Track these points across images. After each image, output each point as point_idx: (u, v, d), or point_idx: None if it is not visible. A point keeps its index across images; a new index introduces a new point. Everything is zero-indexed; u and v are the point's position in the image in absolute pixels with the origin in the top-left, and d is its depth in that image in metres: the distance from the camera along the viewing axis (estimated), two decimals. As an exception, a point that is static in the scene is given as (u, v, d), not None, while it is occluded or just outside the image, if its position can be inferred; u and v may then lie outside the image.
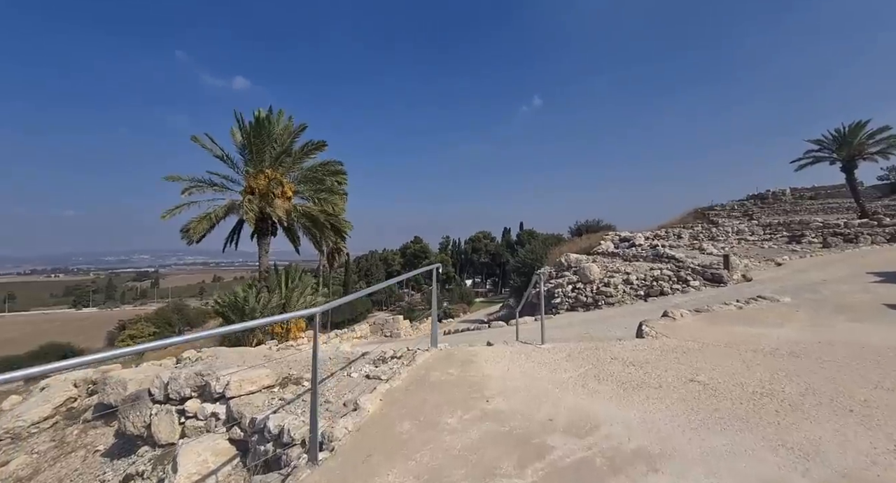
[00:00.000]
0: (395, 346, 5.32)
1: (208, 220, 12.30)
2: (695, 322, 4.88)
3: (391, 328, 20.21)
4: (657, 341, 4.10)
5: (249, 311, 11.54)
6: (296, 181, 14.41)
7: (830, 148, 25.96)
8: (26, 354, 53.00)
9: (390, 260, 78.55)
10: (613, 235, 18.69)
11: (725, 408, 2.55)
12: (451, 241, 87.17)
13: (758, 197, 38.18)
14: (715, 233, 26.04)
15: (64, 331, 77.99)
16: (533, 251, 33.19)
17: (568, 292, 10.80)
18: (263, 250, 13.68)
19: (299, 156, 14.10)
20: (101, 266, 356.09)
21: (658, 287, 9.57)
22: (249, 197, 12.87)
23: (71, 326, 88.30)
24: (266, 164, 13.63)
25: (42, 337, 63.70)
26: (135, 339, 52.56)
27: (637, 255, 13.29)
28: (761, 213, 34.99)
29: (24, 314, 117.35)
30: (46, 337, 62.27)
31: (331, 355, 4.61)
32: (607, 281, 10.29)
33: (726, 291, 8.46)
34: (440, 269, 4.37)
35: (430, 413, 2.73)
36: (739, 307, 5.57)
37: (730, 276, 9.34)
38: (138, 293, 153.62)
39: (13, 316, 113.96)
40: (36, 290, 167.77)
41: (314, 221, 13.61)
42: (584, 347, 3.97)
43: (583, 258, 14.71)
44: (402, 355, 4.23)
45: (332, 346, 6.96)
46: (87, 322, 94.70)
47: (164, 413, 3.63)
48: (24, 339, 68.78)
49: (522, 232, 77.77)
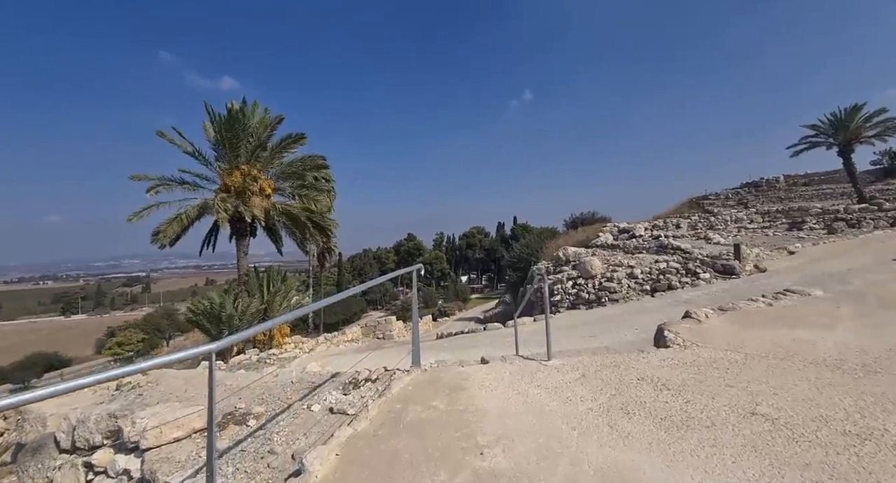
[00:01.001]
0: (376, 362, 4.55)
1: (179, 221, 11.37)
2: (724, 324, 4.15)
3: (384, 330, 19.43)
4: (688, 352, 3.35)
5: (227, 318, 10.69)
6: (275, 178, 13.51)
7: (827, 133, 25.55)
8: (10, 366, 51.39)
9: (384, 258, 77.59)
10: (612, 227, 18.01)
11: (817, 460, 1.80)
12: (445, 238, 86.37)
13: (752, 185, 37.83)
14: (714, 222, 25.54)
15: (52, 339, 76.15)
16: (528, 245, 32.50)
17: (568, 289, 10.09)
18: (242, 252, 12.79)
19: (277, 150, 13.20)
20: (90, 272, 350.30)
21: (665, 281, 8.88)
22: (223, 195, 11.97)
23: (59, 335, 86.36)
24: (241, 159, 12.71)
25: (28, 347, 61.98)
26: (122, 346, 51.16)
27: (639, 247, 12.62)
28: (756, 201, 34.65)
29: (11, 323, 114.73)
30: (33, 347, 60.61)
31: (294, 378, 3.82)
32: (610, 275, 9.59)
33: (741, 285, 7.78)
34: (422, 271, 3.59)
35: (402, 476, 1.96)
36: (769, 304, 4.85)
37: (742, 268, 8.67)
38: (129, 298, 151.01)
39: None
40: (23, 299, 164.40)
41: (294, 220, 12.74)
42: (600, 364, 3.21)
43: (582, 251, 14.01)
44: (379, 378, 3.45)
45: (298, 364, 6.13)
46: (75, 330, 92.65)
47: (68, 467, 2.83)
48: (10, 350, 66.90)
49: (516, 226, 77.15)
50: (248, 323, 11.27)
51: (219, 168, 12.52)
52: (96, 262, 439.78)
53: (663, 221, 24.62)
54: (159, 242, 11.21)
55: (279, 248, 14.69)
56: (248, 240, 12.93)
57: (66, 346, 65.36)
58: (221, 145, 12.63)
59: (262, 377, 4.06)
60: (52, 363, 53.99)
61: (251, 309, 11.18)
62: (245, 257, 12.82)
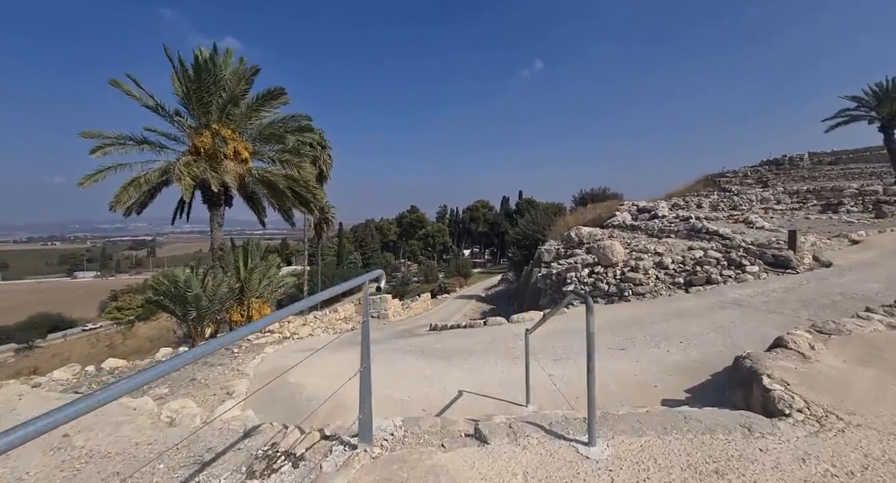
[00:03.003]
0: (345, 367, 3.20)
1: (136, 186, 9.88)
2: (854, 367, 2.71)
3: (378, 308, 18.34)
4: (838, 440, 1.93)
5: (193, 298, 9.41)
6: (252, 140, 11.86)
7: (870, 105, 23.17)
8: (15, 325, 51.70)
9: (385, 229, 76.36)
10: (630, 205, 16.36)
11: None
12: (448, 211, 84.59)
13: (773, 163, 35.47)
14: (737, 201, 23.69)
15: (57, 300, 76.93)
16: (534, 222, 30.86)
17: (584, 277, 8.67)
18: (215, 223, 11.38)
19: (254, 107, 11.46)
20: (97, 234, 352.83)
21: (703, 273, 7.42)
22: (190, 159, 10.40)
23: (65, 296, 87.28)
24: (213, 117, 11.03)
25: (34, 307, 62.54)
26: (122, 311, 51.15)
27: (665, 230, 11.07)
28: (777, 180, 32.48)
29: (18, 283, 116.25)
30: (38, 307, 61.10)
31: (181, 441, 2.46)
32: (635, 264, 8.13)
33: (806, 284, 6.31)
34: (381, 280, 2.15)
35: None
36: (893, 325, 3.40)
37: (799, 260, 7.17)
38: (134, 262, 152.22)
39: (5, 285, 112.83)
40: (31, 259, 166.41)
41: (273, 188, 11.21)
42: (685, 463, 1.81)
43: (597, 233, 12.48)
44: (304, 456, 2.09)
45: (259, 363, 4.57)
46: (80, 291, 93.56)
47: None
48: (15, 309, 67.79)
49: (521, 201, 75.09)
50: (219, 304, 10.02)
51: (184, 127, 10.87)
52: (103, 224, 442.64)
53: (683, 200, 22.82)
54: (117, 210, 9.77)
55: (261, 218, 13.26)
56: (222, 209, 11.48)
57: (71, 307, 65.92)
58: (188, 100, 10.92)
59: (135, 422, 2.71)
60: (57, 324, 54.42)
61: (222, 288, 9.89)
62: (219, 229, 11.42)
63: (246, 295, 11.05)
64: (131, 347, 36.50)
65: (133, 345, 38.51)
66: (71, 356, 39.15)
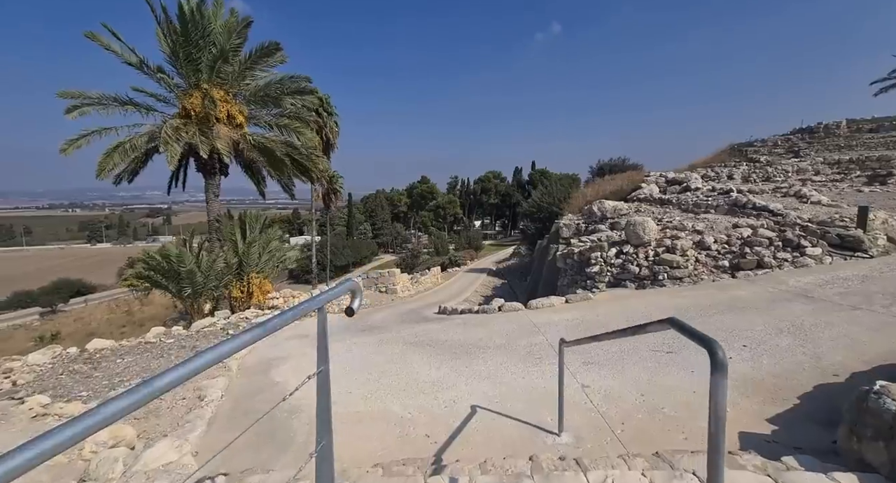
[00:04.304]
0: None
1: (122, 152, 9.08)
2: None
3: (386, 282, 17.76)
4: None
5: (187, 274, 8.83)
6: (247, 102, 10.86)
7: (932, 65, 20.78)
8: (40, 290, 53.52)
9: (396, 200, 75.30)
10: (657, 176, 15.07)
11: None
12: (459, 181, 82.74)
13: (805, 131, 32.92)
14: (770, 172, 21.97)
15: (78, 266, 79.14)
16: (549, 194, 29.52)
17: (610, 258, 7.75)
18: (211, 193, 10.63)
19: (247, 65, 10.38)
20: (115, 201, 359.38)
21: (753, 255, 6.44)
22: (179, 122, 9.50)
23: (85, 262, 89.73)
24: (203, 75, 10.02)
25: (56, 272, 64.58)
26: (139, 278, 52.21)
27: (700, 204, 9.95)
28: (810, 150, 30.19)
29: (41, 248, 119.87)
30: (60, 272, 63.06)
31: None
32: (670, 244, 7.16)
33: (887, 270, 5.30)
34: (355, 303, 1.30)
35: None
36: None
37: (872, 241, 6.13)
38: (151, 230, 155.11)
39: (31, 250, 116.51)
40: (53, 225, 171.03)
41: (269, 155, 10.32)
42: None
43: (622, 207, 11.42)
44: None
45: None
46: (99, 258, 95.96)
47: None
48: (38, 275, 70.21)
49: (534, 172, 72.76)
50: (216, 280, 9.44)
51: (172, 86, 9.91)
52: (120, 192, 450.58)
53: (712, 171, 21.23)
54: (103, 178, 9.04)
55: (260, 188, 12.46)
56: (217, 178, 10.69)
57: (91, 273, 67.77)
58: (175, 57, 9.88)
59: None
60: (79, 289, 56.20)
61: (218, 264, 9.28)
62: (215, 199, 10.68)
63: (245, 270, 10.46)
64: (148, 314, 37.33)
65: (150, 312, 39.40)
66: (91, 321, 40.47)
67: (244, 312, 9.45)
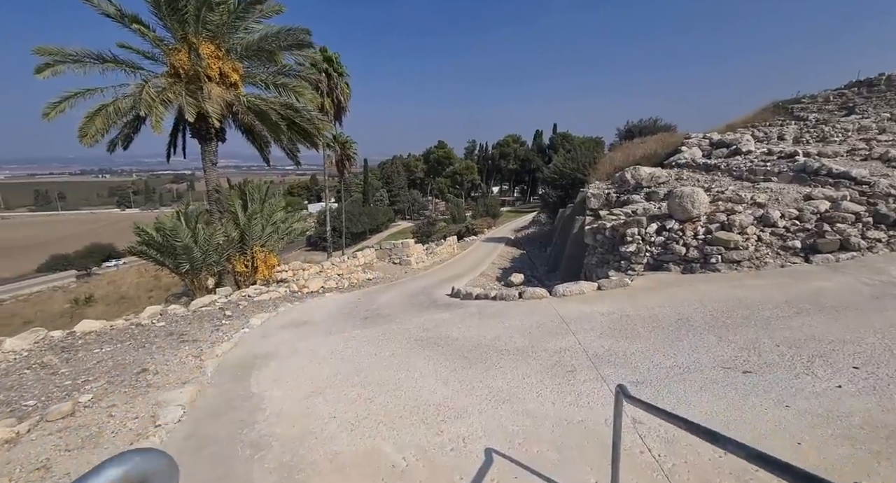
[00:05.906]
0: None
1: (105, 116, 8.28)
2: None
3: (400, 253, 17.10)
4: None
5: (183, 249, 8.26)
6: (240, 59, 9.76)
7: None
8: (75, 254, 55.99)
9: (413, 166, 73.61)
10: (700, 138, 13.42)
11: None
12: (477, 146, 79.87)
13: (863, 84, 29.20)
14: (827, 131, 19.58)
15: (109, 231, 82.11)
16: (573, 159, 27.55)
17: (650, 235, 6.67)
18: (208, 161, 9.86)
19: (238, 13, 9.19)
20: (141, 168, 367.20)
21: (834, 234, 5.29)
22: (168, 81, 8.58)
23: (116, 227, 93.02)
24: (189, 27, 8.93)
25: (89, 237, 67.35)
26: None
27: (756, 171, 8.55)
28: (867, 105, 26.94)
29: (75, 213, 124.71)
30: (93, 237, 65.71)
31: None
32: (726, 219, 6.02)
33: None
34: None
35: None
36: None
37: None
38: (175, 195, 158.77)
39: (66, 215, 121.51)
40: (85, 191, 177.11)
41: (264, 118, 9.35)
42: None
43: (661, 174, 10.11)
44: None
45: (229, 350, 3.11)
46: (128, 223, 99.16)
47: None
48: (73, 238, 73.42)
49: (556, 135, 69.21)
50: (217, 255, 8.86)
51: (157, 42, 8.88)
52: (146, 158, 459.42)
53: (761, 131, 19.06)
54: (86, 144, 8.33)
55: (264, 154, 11.61)
56: (214, 144, 9.87)
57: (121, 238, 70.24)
58: (157, 6, 8.77)
59: None
60: (110, 253, 58.64)
61: (217, 237, 8.66)
62: (213, 167, 9.93)
63: (248, 243, 9.86)
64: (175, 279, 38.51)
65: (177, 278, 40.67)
66: (122, 284, 42.15)
67: (247, 289, 8.93)
